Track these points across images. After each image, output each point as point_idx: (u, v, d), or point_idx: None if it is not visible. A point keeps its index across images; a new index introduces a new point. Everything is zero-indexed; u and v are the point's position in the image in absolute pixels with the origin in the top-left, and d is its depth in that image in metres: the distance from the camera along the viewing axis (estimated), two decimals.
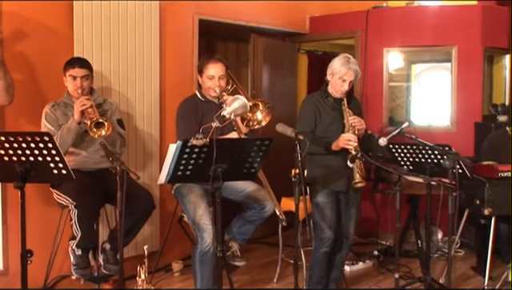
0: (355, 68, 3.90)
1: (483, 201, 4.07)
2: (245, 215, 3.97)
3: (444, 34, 5.69)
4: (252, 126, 3.88)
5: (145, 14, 4.76)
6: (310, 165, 4.02)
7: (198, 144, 3.00)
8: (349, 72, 3.87)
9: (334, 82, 3.94)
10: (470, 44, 5.66)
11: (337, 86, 3.92)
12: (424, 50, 5.93)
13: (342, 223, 4.08)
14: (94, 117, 3.65)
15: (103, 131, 3.63)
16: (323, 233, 3.95)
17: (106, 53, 4.51)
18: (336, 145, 3.82)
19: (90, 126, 3.63)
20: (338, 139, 3.81)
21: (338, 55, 4.01)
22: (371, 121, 5.37)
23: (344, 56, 3.95)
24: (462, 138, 5.53)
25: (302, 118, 4.02)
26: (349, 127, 3.85)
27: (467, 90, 5.70)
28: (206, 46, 5.75)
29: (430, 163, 3.91)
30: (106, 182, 3.85)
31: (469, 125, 5.64)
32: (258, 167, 3.32)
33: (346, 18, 6.16)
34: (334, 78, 3.92)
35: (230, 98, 3.24)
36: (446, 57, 5.95)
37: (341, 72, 3.88)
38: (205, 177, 3.15)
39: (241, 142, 3.38)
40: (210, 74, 3.91)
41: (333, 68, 3.94)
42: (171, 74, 5.06)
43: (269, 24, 5.98)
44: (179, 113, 3.98)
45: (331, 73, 3.95)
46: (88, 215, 3.69)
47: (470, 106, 5.70)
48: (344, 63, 3.89)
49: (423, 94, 6.40)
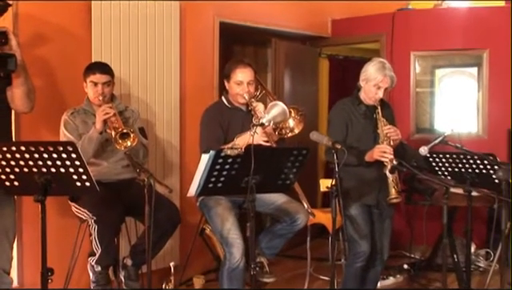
0: (391, 75, 3.73)
1: None
2: (274, 228, 3.82)
3: (474, 37, 5.57)
4: (284, 135, 3.73)
5: (165, 14, 4.64)
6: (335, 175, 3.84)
7: (232, 154, 2.85)
8: (385, 79, 3.70)
9: (367, 89, 3.77)
10: (501, 47, 5.52)
11: (370, 92, 3.75)
12: (453, 54, 5.78)
13: (375, 236, 3.92)
14: (118, 127, 3.47)
15: (129, 142, 3.46)
16: (358, 247, 3.77)
17: (124, 56, 4.40)
18: (370, 156, 3.67)
19: (115, 138, 3.44)
20: (371, 150, 3.66)
21: (367, 60, 3.85)
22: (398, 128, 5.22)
23: (379, 61, 3.79)
24: (494, 146, 5.34)
25: (333, 125, 3.86)
26: (383, 138, 3.69)
27: (498, 95, 5.56)
28: (224, 50, 5.61)
29: (471, 172, 3.73)
30: (127, 194, 3.72)
31: (501, 132, 5.48)
32: (293, 178, 3.19)
33: (370, 20, 6.02)
34: (368, 85, 3.75)
35: (269, 105, 3.09)
36: (474, 61, 5.78)
37: (376, 79, 3.71)
38: (237, 189, 3.04)
39: (277, 151, 3.22)
40: (238, 79, 3.76)
41: (367, 74, 3.76)
42: (191, 78, 4.94)
43: (289, 27, 5.87)
44: (204, 120, 3.84)
45: (365, 79, 3.77)
46: (109, 230, 3.53)
47: (501, 113, 5.55)
48: (380, 69, 3.72)
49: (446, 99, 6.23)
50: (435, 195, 4.42)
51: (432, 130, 5.98)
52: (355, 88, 3.91)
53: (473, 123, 5.79)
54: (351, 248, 3.80)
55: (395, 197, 3.61)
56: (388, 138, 3.68)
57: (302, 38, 6.26)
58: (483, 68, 5.61)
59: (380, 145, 3.66)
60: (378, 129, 3.73)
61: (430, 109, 6.12)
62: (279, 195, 3.76)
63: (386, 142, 3.67)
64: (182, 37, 4.81)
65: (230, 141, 3.58)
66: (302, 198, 3.70)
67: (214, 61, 5.11)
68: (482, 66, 5.64)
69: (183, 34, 4.82)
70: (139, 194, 3.19)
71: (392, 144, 3.67)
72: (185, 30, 4.84)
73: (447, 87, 6.22)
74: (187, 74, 4.90)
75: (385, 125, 3.72)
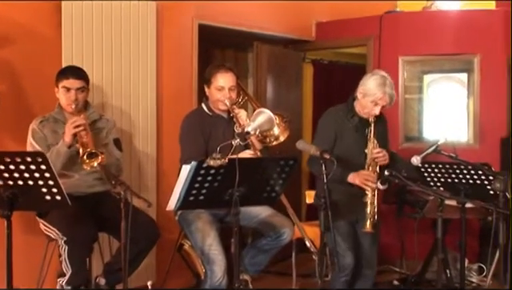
0: (391, 93, 3.70)
1: None
2: (258, 243, 3.81)
3: (465, 42, 5.58)
4: (269, 143, 3.71)
5: (140, 15, 4.59)
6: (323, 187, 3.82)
7: (214, 165, 2.81)
8: (384, 97, 3.68)
9: (364, 103, 3.74)
10: (493, 52, 5.54)
11: (367, 108, 3.74)
12: (443, 58, 5.80)
13: (361, 250, 3.93)
14: (87, 144, 3.40)
15: (95, 163, 3.39)
16: (342, 259, 3.74)
17: (97, 59, 4.34)
18: (352, 179, 3.68)
19: (82, 158, 3.38)
20: (355, 174, 3.67)
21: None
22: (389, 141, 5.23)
23: (381, 76, 3.74)
24: (486, 155, 5.32)
25: (321, 134, 3.86)
26: (370, 161, 3.71)
27: (490, 102, 5.57)
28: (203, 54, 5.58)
29: (465, 183, 3.73)
30: (101, 208, 3.65)
31: (493, 141, 5.49)
32: (280, 190, 3.19)
33: (356, 23, 6.00)
34: (366, 100, 3.73)
35: (255, 112, 3.06)
36: (463, 66, 5.81)
37: (375, 95, 3.68)
38: (220, 202, 3.03)
39: (262, 162, 3.19)
40: (219, 84, 3.74)
41: (366, 88, 3.72)
42: (169, 83, 4.89)
43: (271, 30, 5.84)
44: (183, 129, 3.82)
45: (363, 93, 3.74)
46: (80, 251, 3.45)
47: (494, 120, 5.56)
48: (380, 85, 3.68)
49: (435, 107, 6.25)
50: (427, 207, 4.40)
51: (421, 139, 5.98)
52: (349, 97, 3.88)
53: (463, 132, 5.80)
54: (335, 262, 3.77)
55: (368, 231, 3.65)
56: (375, 164, 3.69)
57: (285, 41, 6.23)
58: (474, 74, 5.62)
59: (365, 172, 3.67)
60: (366, 149, 3.73)
61: (418, 116, 6.13)
62: (263, 207, 3.74)
63: (371, 167, 3.68)
64: (159, 40, 4.76)
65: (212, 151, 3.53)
66: (289, 212, 3.66)
67: (193, 65, 5.07)
68: (473, 72, 5.64)
69: (160, 37, 4.77)
70: (114, 208, 3.12)
71: (378, 166, 3.69)
72: (162, 33, 4.79)
73: (436, 94, 6.24)
74: (164, 79, 4.84)
75: (375, 148, 3.71)
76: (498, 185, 3.21)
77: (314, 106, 6.70)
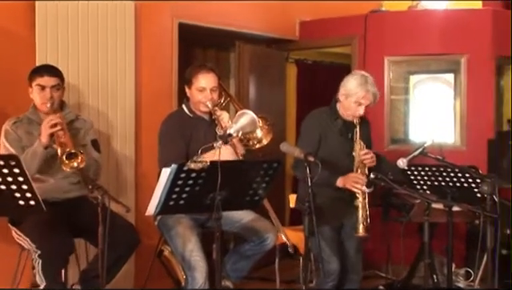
0: (374, 91, 3.74)
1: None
2: (241, 249, 3.80)
3: (452, 42, 5.62)
4: (252, 146, 3.71)
5: (118, 15, 4.58)
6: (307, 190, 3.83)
7: (195, 168, 2.80)
8: (367, 95, 3.71)
9: (347, 105, 3.77)
10: (480, 53, 5.59)
11: (350, 109, 3.76)
12: (429, 59, 5.84)
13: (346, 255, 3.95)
14: (66, 144, 3.36)
15: (75, 163, 3.34)
16: (328, 265, 3.77)
17: (73, 59, 4.34)
18: (342, 183, 3.70)
19: (61, 158, 3.33)
20: (344, 177, 3.69)
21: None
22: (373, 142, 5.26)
23: (361, 75, 3.79)
24: (474, 158, 5.37)
25: (305, 137, 3.87)
26: (358, 164, 3.73)
27: (478, 103, 5.62)
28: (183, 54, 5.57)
29: (452, 186, 3.76)
30: (78, 214, 3.62)
31: (481, 142, 5.52)
32: (263, 194, 3.18)
33: (341, 22, 6.03)
34: (348, 101, 3.75)
35: (238, 114, 3.06)
36: (450, 67, 5.85)
37: (357, 95, 3.71)
38: (201, 207, 3.02)
39: (245, 165, 3.19)
40: (200, 85, 3.73)
41: (348, 89, 3.75)
42: (148, 84, 4.89)
43: (254, 29, 5.84)
44: (163, 131, 3.80)
45: (345, 94, 3.77)
46: (56, 264, 3.41)
47: (481, 122, 5.61)
48: (362, 84, 3.72)
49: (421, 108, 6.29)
50: (413, 210, 4.43)
51: (407, 141, 6.02)
52: (332, 100, 3.89)
53: (450, 133, 5.84)
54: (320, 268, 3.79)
55: (362, 235, 3.68)
56: (363, 165, 3.71)
57: (268, 40, 6.23)
58: (461, 74, 5.66)
59: (354, 174, 3.69)
60: (353, 152, 3.75)
61: (404, 118, 6.16)
62: (246, 212, 3.75)
63: (360, 169, 3.71)
64: (138, 39, 4.75)
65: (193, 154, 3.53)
66: (272, 216, 3.67)
67: (173, 65, 5.06)
68: (460, 73, 5.69)
69: (139, 37, 4.76)
70: (91, 213, 3.10)
71: (366, 172, 3.71)
72: (141, 32, 4.78)
73: (422, 95, 6.28)
74: (143, 79, 4.83)
75: (362, 149, 3.73)
76: (486, 188, 3.23)
77: (297, 107, 6.71)
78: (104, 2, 4.47)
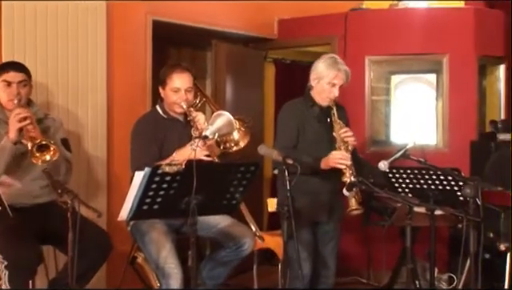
0: (345, 69, 3.83)
1: (498, 234, 3.94)
2: (217, 255, 3.81)
3: (434, 41, 5.65)
4: (229, 149, 3.72)
5: (89, 15, 4.60)
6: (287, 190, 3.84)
7: (170, 171, 2.79)
8: (339, 74, 3.79)
9: (320, 88, 3.82)
10: (462, 52, 5.64)
11: (325, 92, 3.80)
12: (410, 58, 5.87)
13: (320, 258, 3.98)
14: (36, 137, 3.29)
15: (48, 156, 3.28)
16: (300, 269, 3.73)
17: (41, 59, 4.34)
18: (326, 163, 3.69)
19: (31, 150, 3.26)
20: (327, 157, 3.69)
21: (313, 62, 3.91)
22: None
23: (330, 56, 3.88)
24: (456, 159, 5.42)
25: (283, 130, 3.89)
26: (340, 142, 3.74)
27: (460, 104, 5.66)
28: (158, 53, 5.54)
29: (434, 189, 3.79)
30: (46, 220, 3.57)
31: (463, 144, 5.58)
32: (240, 198, 3.19)
33: (320, 21, 6.04)
34: (321, 84, 3.81)
35: (214, 115, 3.05)
36: (432, 67, 5.90)
37: (329, 75, 3.78)
38: (176, 212, 3.03)
39: (221, 168, 3.19)
40: (175, 86, 3.73)
41: (318, 72, 3.82)
42: (120, 84, 4.86)
43: (231, 27, 5.84)
44: (135, 133, 3.79)
45: (317, 77, 3.83)
46: (23, 275, 3.35)
47: (463, 123, 5.65)
48: (332, 64, 3.80)
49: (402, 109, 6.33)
50: (395, 214, 4.45)
51: (388, 143, 6.05)
52: (306, 89, 3.94)
53: (432, 135, 5.88)
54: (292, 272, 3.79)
55: (356, 208, 3.63)
56: (345, 143, 3.72)
57: (246, 39, 6.24)
58: (443, 74, 5.71)
59: (336, 151, 3.69)
60: (333, 132, 3.77)
61: (385, 119, 6.19)
62: (222, 216, 3.75)
63: (343, 147, 3.71)
64: (110, 38, 4.73)
65: (167, 156, 3.52)
66: (248, 220, 3.68)
67: (147, 65, 5.05)
68: (442, 73, 5.73)
69: (111, 35, 4.75)
70: (61, 219, 3.07)
71: (350, 148, 3.72)
72: (113, 31, 4.77)
73: (403, 95, 6.32)
74: (116, 79, 4.81)
75: (342, 128, 3.75)
76: (469, 191, 3.25)
77: (275, 108, 6.69)
78: (74, 2, 4.49)
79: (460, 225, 3.79)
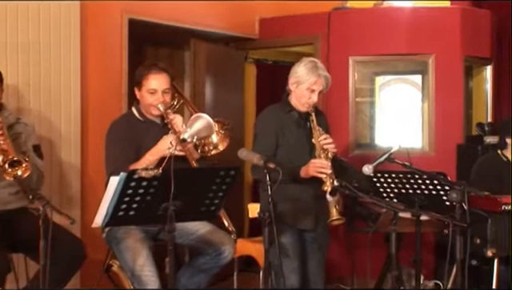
0: (325, 75, 3.83)
1: (485, 240, 3.98)
2: (196, 262, 3.78)
3: (420, 41, 5.70)
4: (207, 152, 3.71)
5: (62, 15, 4.62)
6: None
7: (146, 176, 2.79)
8: (318, 80, 3.79)
9: (299, 93, 3.84)
10: (448, 52, 5.69)
11: (303, 97, 3.82)
12: (395, 59, 5.92)
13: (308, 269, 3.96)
14: (7, 151, 3.29)
15: (19, 172, 3.28)
16: (287, 280, 3.73)
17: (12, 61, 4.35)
18: (305, 172, 3.72)
19: (2, 166, 3.26)
20: (307, 165, 3.70)
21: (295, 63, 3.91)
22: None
23: (310, 60, 3.88)
24: (442, 163, 5.47)
25: (261, 137, 3.89)
26: (320, 150, 3.75)
27: (446, 106, 5.71)
28: (134, 53, 5.54)
29: (420, 194, 3.82)
30: (16, 227, 3.55)
31: (449, 147, 5.63)
32: (219, 204, 3.19)
33: (303, 20, 6.07)
34: (300, 89, 3.82)
35: (192, 117, 3.06)
36: (417, 68, 5.94)
37: (309, 81, 3.78)
38: (153, 218, 3.04)
39: (200, 172, 3.19)
40: (151, 87, 3.71)
41: (298, 76, 3.83)
42: (95, 85, 4.87)
43: (210, 26, 5.86)
44: (110, 136, 3.78)
45: (296, 82, 3.84)
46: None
47: (450, 126, 5.70)
48: (312, 69, 3.80)
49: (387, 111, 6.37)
50: (379, 220, 4.48)
51: (373, 146, 6.09)
52: (284, 93, 3.95)
53: (418, 138, 5.92)
54: (278, 283, 3.80)
55: (337, 218, 3.64)
56: (325, 151, 3.73)
57: (226, 39, 6.25)
58: (428, 75, 5.75)
59: (316, 159, 3.70)
60: (313, 139, 3.78)
61: (370, 122, 6.22)
62: (201, 223, 3.74)
63: (322, 154, 3.72)
64: (84, 38, 4.74)
65: None
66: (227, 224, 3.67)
67: (123, 65, 5.06)
68: (428, 74, 5.77)
69: (85, 35, 4.76)
70: (32, 226, 3.06)
71: (330, 156, 3.73)
72: (87, 30, 4.78)
73: (388, 97, 6.36)
74: (90, 81, 4.82)
75: (321, 134, 3.77)
76: (455, 196, 3.28)
77: (257, 110, 6.70)
78: (46, 2, 4.49)
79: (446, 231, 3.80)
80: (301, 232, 3.91)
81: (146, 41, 6.01)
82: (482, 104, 6.25)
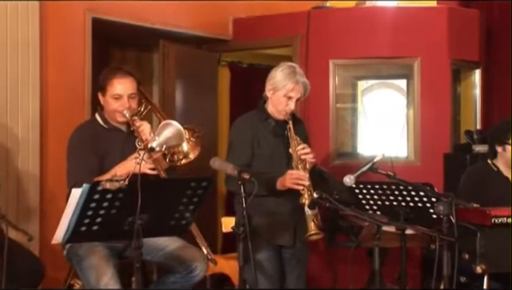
0: (304, 81, 3.86)
1: (474, 255, 4.01)
2: (166, 280, 3.78)
3: (404, 43, 5.75)
4: (177, 161, 3.71)
5: (20, 15, 4.65)
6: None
7: (111, 188, 2.78)
8: (296, 87, 3.82)
9: (276, 100, 3.86)
10: (435, 55, 5.75)
11: (280, 104, 3.84)
12: (379, 62, 5.97)
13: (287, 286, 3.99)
14: None
15: None
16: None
17: None
18: (282, 184, 3.74)
19: None
20: (283, 177, 3.72)
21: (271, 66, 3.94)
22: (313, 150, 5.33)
23: (288, 66, 3.91)
24: (429, 173, 5.51)
25: (235, 147, 3.92)
26: (297, 161, 3.77)
27: (433, 112, 5.76)
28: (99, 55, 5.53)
29: (405, 206, 3.84)
30: None
31: (436, 157, 5.68)
32: (190, 218, 3.16)
33: (280, 20, 6.11)
34: (277, 95, 3.85)
35: (161, 124, 3.06)
36: (402, 72, 6.00)
37: (286, 87, 3.81)
38: (118, 233, 3.01)
39: (170, 183, 3.17)
40: (116, 92, 3.72)
41: (275, 82, 3.86)
42: (55, 90, 4.89)
43: (181, 27, 5.89)
44: (72, 145, 3.77)
45: (273, 88, 3.87)
46: None
47: (436, 134, 5.76)
48: (290, 75, 3.83)
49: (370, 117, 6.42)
50: (362, 234, 4.50)
51: (355, 155, 6.12)
52: (260, 100, 3.98)
53: (402, 146, 5.97)
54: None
55: (315, 233, 3.66)
56: (303, 161, 3.75)
57: (198, 40, 6.27)
58: (414, 80, 5.80)
59: (293, 171, 3.73)
60: (290, 149, 3.80)
61: (352, 129, 6.26)
62: (171, 238, 3.74)
63: (300, 165, 3.75)
64: (44, 39, 4.76)
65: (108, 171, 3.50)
66: (199, 241, 3.68)
67: (86, 68, 5.07)
68: (413, 78, 5.83)
69: (45, 36, 4.78)
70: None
71: (308, 167, 3.75)
72: (47, 31, 4.80)
73: (371, 103, 6.40)
74: (50, 84, 4.83)
75: (298, 144, 3.79)
76: (442, 208, 3.30)
77: (231, 116, 6.73)
78: (3, 2, 4.51)
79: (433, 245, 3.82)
80: (278, 248, 3.93)
81: (111, 42, 6.03)
82: (470, 110, 6.31)
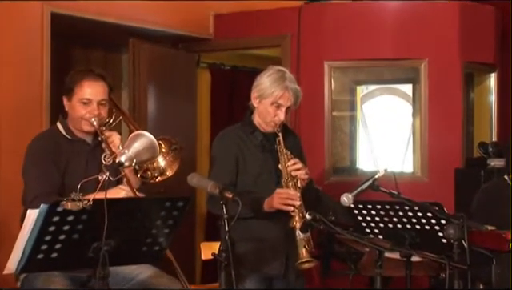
0: (294, 87, 3.85)
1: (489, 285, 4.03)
2: None
3: (410, 43, 5.79)
4: (151, 179, 3.69)
5: None
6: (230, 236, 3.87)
7: (74, 209, 2.77)
8: (285, 94, 3.81)
9: (263, 110, 3.86)
10: (445, 57, 5.80)
11: (268, 115, 3.84)
12: (381, 65, 6.00)
13: None
14: None
15: None
16: None
17: None
18: (269, 205, 3.74)
19: None
20: (271, 196, 3.73)
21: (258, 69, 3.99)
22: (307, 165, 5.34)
23: (277, 70, 3.89)
24: (438, 192, 5.56)
25: (218, 164, 3.92)
26: (288, 178, 3.77)
27: (442, 122, 5.80)
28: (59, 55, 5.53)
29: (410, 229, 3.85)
30: None
31: (446, 172, 5.70)
32: (165, 243, 3.16)
33: (268, 17, 6.15)
34: (264, 104, 3.85)
35: (131, 136, 3.04)
36: (408, 75, 6.03)
37: (274, 94, 3.80)
38: (81, 261, 2.98)
39: (141, 204, 3.16)
40: (85, 96, 3.69)
41: (261, 88, 3.86)
42: (9, 94, 4.91)
43: (154, 24, 5.91)
44: (29, 158, 3.74)
45: (259, 96, 3.87)
46: None
47: (446, 146, 5.79)
48: (278, 80, 3.82)
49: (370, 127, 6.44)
50: (362, 261, 4.51)
51: (354, 171, 6.14)
52: (247, 110, 3.98)
53: (408, 161, 5.99)
54: None
55: (307, 260, 3.65)
56: (294, 179, 3.76)
57: (173, 39, 6.32)
58: (421, 85, 5.83)
59: (281, 189, 3.73)
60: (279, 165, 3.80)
61: (350, 141, 6.27)
62: (143, 266, 3.69)
63: (290, 183, 3.74)
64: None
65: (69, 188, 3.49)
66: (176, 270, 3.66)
67: (44, 70, 5.07)
68: (420, 83, 5.86)
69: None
70: None
71: (300, 185, 3.75)
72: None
73: (372, 111, 6.42)
74: (3, 87, 4.85)
75: (289, 159, 3.79)
76: (453, 231, 3.30)
77: (212, 125, 6.77)
78: None
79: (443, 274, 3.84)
80: (269, 280, 3.93)
81: (74, 41, 6.05)
82: (485, 120, 6.37)
